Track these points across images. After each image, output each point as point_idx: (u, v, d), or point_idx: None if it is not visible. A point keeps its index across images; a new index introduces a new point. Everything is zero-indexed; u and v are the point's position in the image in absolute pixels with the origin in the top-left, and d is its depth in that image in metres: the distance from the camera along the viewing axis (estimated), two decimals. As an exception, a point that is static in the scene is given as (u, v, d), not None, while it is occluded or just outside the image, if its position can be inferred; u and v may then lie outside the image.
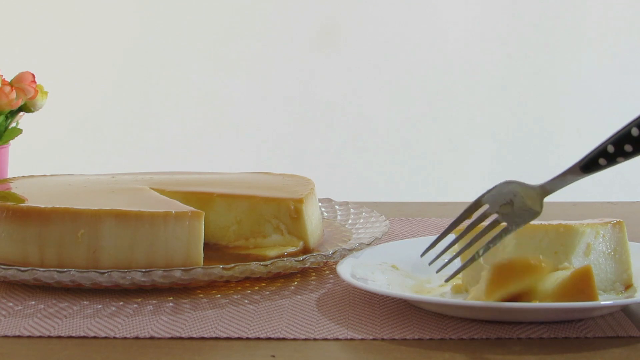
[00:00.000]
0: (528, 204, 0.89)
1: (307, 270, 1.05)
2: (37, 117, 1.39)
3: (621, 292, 0.92)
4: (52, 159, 2.71)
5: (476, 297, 0.87)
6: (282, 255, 1.05)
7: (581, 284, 0.84)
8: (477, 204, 0.90)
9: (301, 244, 1.08)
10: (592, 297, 0.84)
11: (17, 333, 0.86)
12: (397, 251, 1.03)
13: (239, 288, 0.99)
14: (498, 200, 0.90)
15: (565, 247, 0.92)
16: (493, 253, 0.93)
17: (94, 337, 0.85)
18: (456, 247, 0.92)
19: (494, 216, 0.89)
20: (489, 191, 0.90)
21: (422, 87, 2.78)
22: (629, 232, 0.95)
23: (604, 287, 0.93)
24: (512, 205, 0.90)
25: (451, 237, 0.92)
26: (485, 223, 0.90)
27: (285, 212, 1.08)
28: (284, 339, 0.85)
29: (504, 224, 0.88)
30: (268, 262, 0.97)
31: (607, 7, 2.76)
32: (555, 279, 0.86)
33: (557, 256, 0.92)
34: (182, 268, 0.95)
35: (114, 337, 0.85)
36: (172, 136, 2.77)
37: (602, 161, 0.89)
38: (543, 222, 0.94)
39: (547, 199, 0.91)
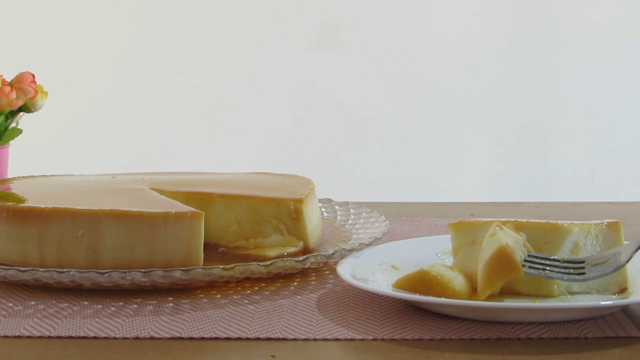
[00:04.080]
0: (620, 258, 0.90)
1: (307, 271, 1.05)
2: (37, 117, 1.39)
3: (615, 293, 0.92)
4: (52, 159, 2.71)
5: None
6: (282, 256, 1.05)
7: (503, 260, 0.86)
8: (577, 260, 0.91)
9: (301, 244, 1.08)
10: (516, 269, 0.85)
11: (17, 333, 0.86)
12: (397, 251, 1.03)
13: (239, 288, 0.99)
14: (595, 260, 0.91)
15: (549, 245, 0.92)
16: (477, 249, 0.93)
17: (94, 338, 0.85)
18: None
19: (582, 270, 0.91)
20: (594, 255, 0.92)
21: (422, 87, 2.78)
22: (629, 232, 0.95)
23: (597, 287, 0.93)
24: (606, 262, 0.91)
25: None
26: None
27: (285, 212, 1.08)
28: (284, 339, 0.85)
29: (584, 272, 0.90)
30: (268, 263, 0.97)
31: (607, 8, 2.76)
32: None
33: (540, 253, 0.92)
34: (182, 268, 0.95)
35: (114, 337, 0.85)
36: (172, 136, 2.77)
37: None
38: (531, 220, 0.94)
39: (547, 199, 0.91)
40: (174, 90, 2.77)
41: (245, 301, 0.95)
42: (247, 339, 0.85)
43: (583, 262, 0.91)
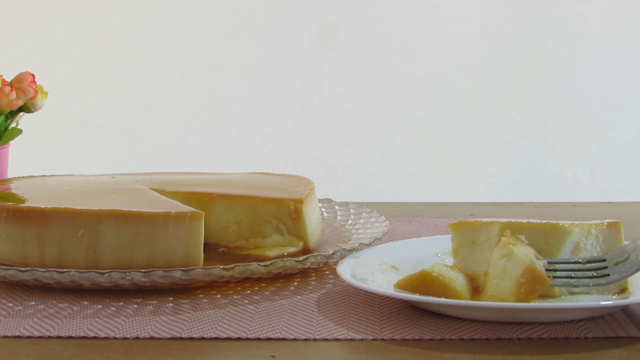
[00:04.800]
0: None
1: (307, 271, 1.05)
2: (37, 117, 1.39)
3: (615, 293, 0.92)
4: (52, 159, 2.71)
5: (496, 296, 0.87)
6: (282, 256, 1.05)
7: (532, 279, 0.85)
8: (598, 259, 0.91)
9: (301, 244, 1.08)
10: (544, 283, 0.85)
11: (17, 333, 0.86)
12: (397, 251, 1.03)
13: (239, 288, 0.99)
14: (616, 257, 0.91)
15: (550, 246, 0.92)
16: (477, 250, 0.93)
17: (94, 338, 0.85)
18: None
19: (606, 270, 0.91)
20: (614, 251, 0.92)
21: (422, 87, 2.78)
22: (629, 233, 0.95)
23: (597, 287, 0.92)
24: (628, 259, 0.90)
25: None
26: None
27: (285, 212, 1.08)
28: (284, 339, 0.85)
29: (608, 273, 0.90)
30: (268, 263, 0.97)
31: (607, 7, 2.76)
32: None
33: (542, 254, 0.92)
34: (182, 268, 0.95)
35: (114, 338, 0.85)
36: (172, 136, 2.77)
37: None
38: (532, 220, 0.94)
39: (547, 199, 0.91)
40: (174, 90, 2.77)
41: (245, 301, 0.95)
42: (247, 339, 0.85)
43: (604, 260, 0.91)
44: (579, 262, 0.91)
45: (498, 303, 0.86)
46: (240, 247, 1.08)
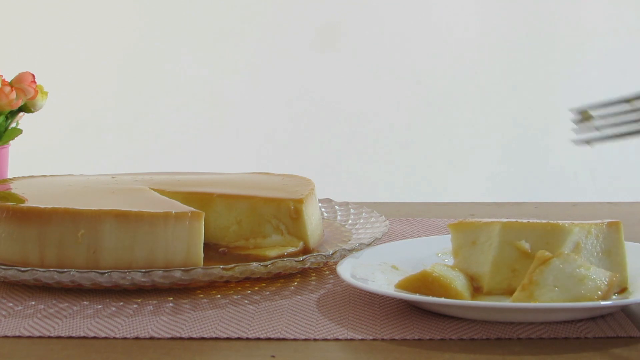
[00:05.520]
0: None
1: (307, 271, 1.05)
2: (37, 117, 1.39)
3: (615, 293, 0.92)
4: (52, 159, 2.71)
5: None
6: (282, 256, 1.05)
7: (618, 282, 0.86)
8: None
9: (301, 244, 1.08)
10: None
11: (17, 333, 0.86)
12: (397, 251, 1.03)
13: (239, 288, 0.99)
14: None
15: (551, 245, 0.92)
16: (477, 250, 0.93)
17: (94, 338, 0.85)
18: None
19: None
20: None
21: (422, 87, 2.78)
22: (629, 233, 0.95)
23: None
24: None
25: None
26: None
27: (285, 212, 1.08)
28: (284, 339, 0.85)
29: None
30: (268, 263, 0.97)
31: (607, 7, 2.76)
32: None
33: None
34: (182, 268, 0.95)
35: (114, 337, 0.85)
36: (172, 136, 2.77)
37: None
38: (532, 220, 0.94)
39: (547, 199, 0.91)
40: (174, 90, 2.77)
41: (245, 301, 0.95)
42: (247, 339, 0.85)
43: None
44: (626, 101, 0.90)
45: (498, 303, 0.86)
46: (240, 247, 1.08)
